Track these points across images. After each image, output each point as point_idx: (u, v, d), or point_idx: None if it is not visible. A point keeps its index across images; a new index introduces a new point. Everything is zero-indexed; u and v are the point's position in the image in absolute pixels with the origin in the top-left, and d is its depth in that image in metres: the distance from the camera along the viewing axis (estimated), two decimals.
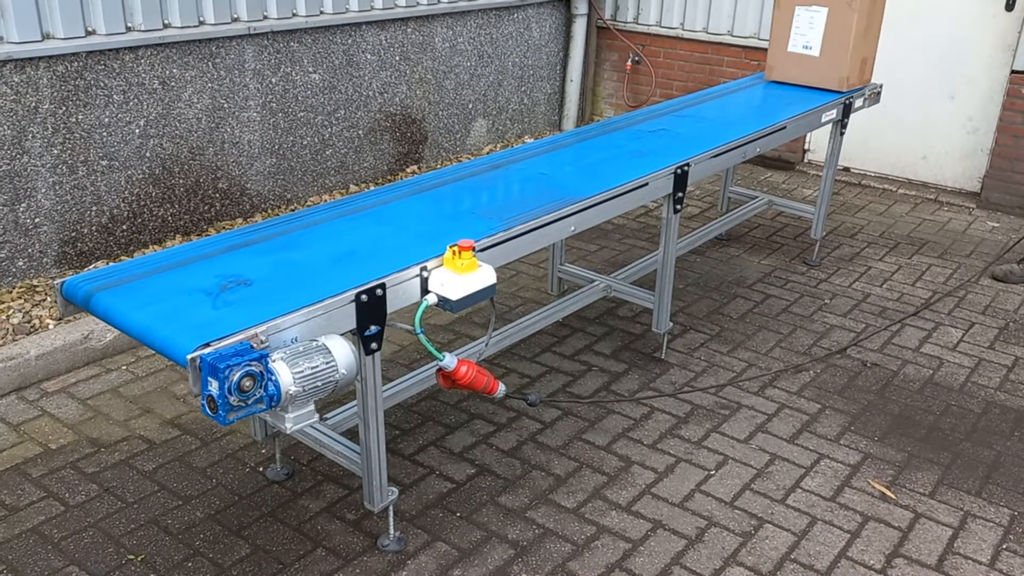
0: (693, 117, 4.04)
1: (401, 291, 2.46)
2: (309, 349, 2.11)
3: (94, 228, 4.30)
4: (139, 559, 2.69)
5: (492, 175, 3.25)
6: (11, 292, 4.02)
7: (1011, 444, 3.36)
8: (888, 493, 3.08)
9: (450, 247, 2.48)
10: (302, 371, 2.06)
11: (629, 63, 6.90)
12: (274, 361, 2.04)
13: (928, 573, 2.73)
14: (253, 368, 1.95)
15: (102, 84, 4.14)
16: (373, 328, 2.39)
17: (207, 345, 2.02)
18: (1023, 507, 3.02)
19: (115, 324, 2.22)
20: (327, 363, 2.11)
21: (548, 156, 3.47)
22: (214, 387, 1.92)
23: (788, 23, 4.47)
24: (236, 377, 1.92)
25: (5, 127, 3.86)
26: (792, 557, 2.77)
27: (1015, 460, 3.27)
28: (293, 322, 2.20)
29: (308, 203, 5.23)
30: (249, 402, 1.97)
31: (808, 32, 4.39)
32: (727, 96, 4.46)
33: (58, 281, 2.38)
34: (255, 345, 2.05)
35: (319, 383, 2.09)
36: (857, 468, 3.20)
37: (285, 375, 2.03)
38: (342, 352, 2.15)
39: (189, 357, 1.97)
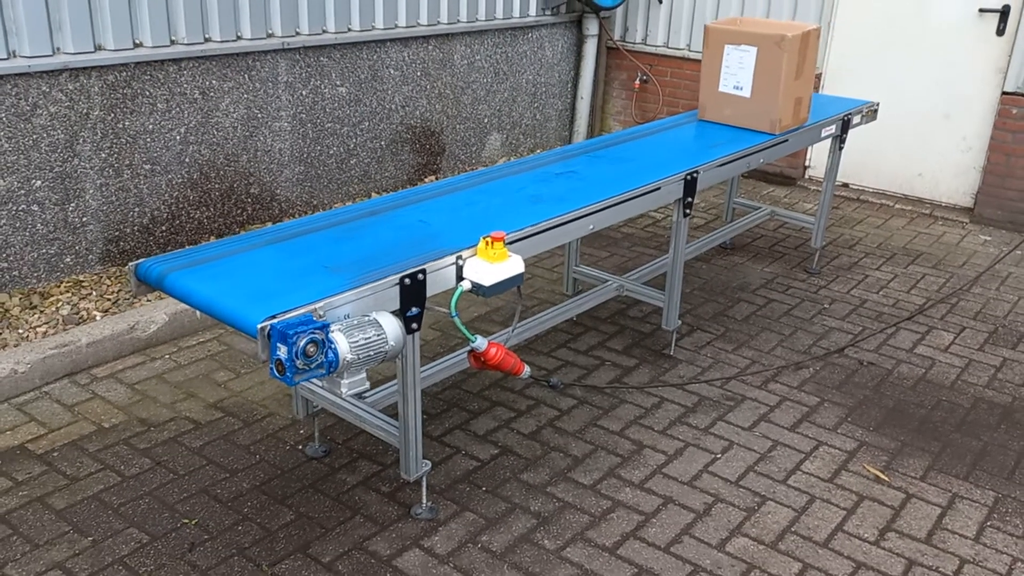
0: (609, 158, 3.83)
1: (439, 277, 2.72)
2: (363, 323, 2.36)
3: (136, 228, 4.56)
4: (193, 523, 2.93)
5: (366, 222, 3.03)
6: (59, 286, 4.27)
7: (997, 435, 3.60)
8: (882, 476, 3.32)
9: (483, 238, 2.74)
10: (357, 341, 2.32)
11: (637, 82, 7.20)
12: (333, 332, 2.29)
13: (918, 545, 2.96)
14: (316, 336, 2.20)
15: (148, 93, 4.42)
16: (414, 309, 2.64)
17: (273, 317, 2.28)
18: (1007, 490, 3.26)
19: (188, 301, 2.47)
20: (378, 335, 2.37)
21: (435, 201, 3.23)
22: (283, 352, 2.17)
23: (718, 62, 4.25)
24: (303, 343, 2.17)
25: (59, 131, 4.14)
26: (792, 530, 3.01)
27: (1001, 450, 3.51)
28: (346, 300, 2.45)
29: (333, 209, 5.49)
30: (312, 366, 2.22)
31: (738, 72, 4.18)
32: (655, 135, 4.24)
33: (132, 264, 2.64)
34: (316, 317, 2.30)
35: (371, 352, 2.35)
36: (853, 454, 3.44)
37: (343, 344, 2.29)
38: (391, 326, 2.41)
39: (259, 326, 2.23)
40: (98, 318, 4.04)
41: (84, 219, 4.34)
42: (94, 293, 4.25)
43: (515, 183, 3.47)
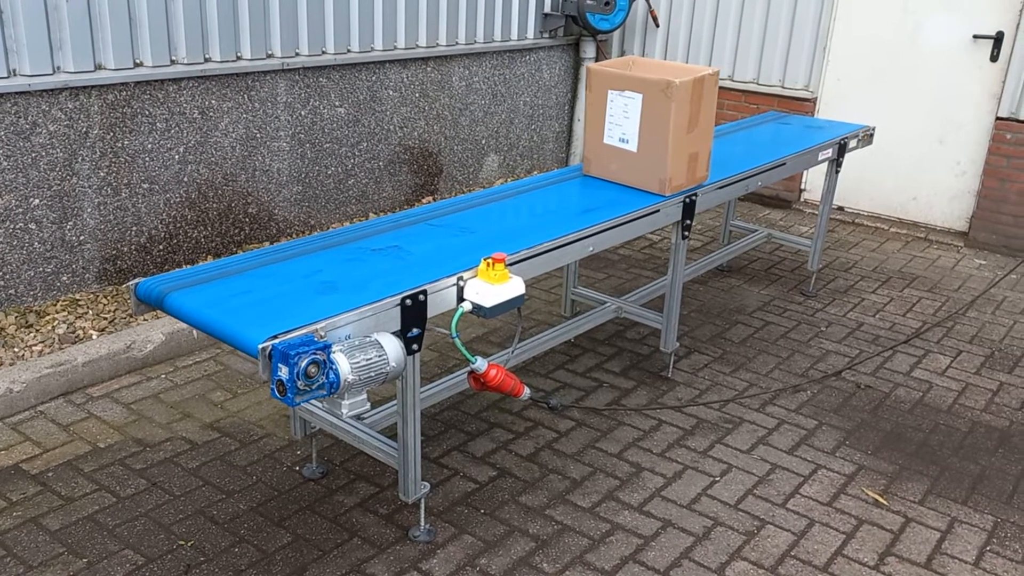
0: (450, 228, 3.21)
1: (440, 298, 2.72)
2: (364, 343, 2.36)
3: (133, 247, 4.55)
4: (189, 544, 2.90)
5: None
6: (56, 305, 4.26)
7: (995, 460, 3.60)
8: (881, 500, 3.32)
9: (484, 259, 2.74)
10: (358, 362, 2.31)
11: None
12: (334, 352, 2.28)
13: (918, 570, 2.95)
14: (318, 356, 2.20)
15: (147, 112, 4.42)
16: (415, 330, 2.64)
17: (275, 337, 2.27)
18: (1006, 515, 3.25)
19: (188, 321, 2.46)
20: (379, 356, 2.36)
21: (216, 283, 2.68)
22: (284, 372, 2.16)
23: (602, 110, 3.65)
24: (304, 363, 2.16)
25: (58, 150, 4.14)
26: (792, 554, 3.00)
27: (999, 474, 3.50)
28: (347, 321, 2.45)
29: (330, 230, 5.50)
30: (313, 387, 2.21)
31: (624, 122, 3.57)
32: (528, 193, 3.64)
33: (132, 283, 2.63)
34: (317, 338, 2.30)
35: (372, 373, 2.34)
36: (852, 477, 3.44)
37: (344, 364, 2.28)
38: (392, 347, 2.40)
39: (261, 346, 2.22)
40: (94, 337, 4.02)
41: (81, 238, 4.33)
42: (90, 312, 4.23)
43: (313, 263, 2.82)
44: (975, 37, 5.79)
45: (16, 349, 3.85)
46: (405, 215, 3.33)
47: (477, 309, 2.73)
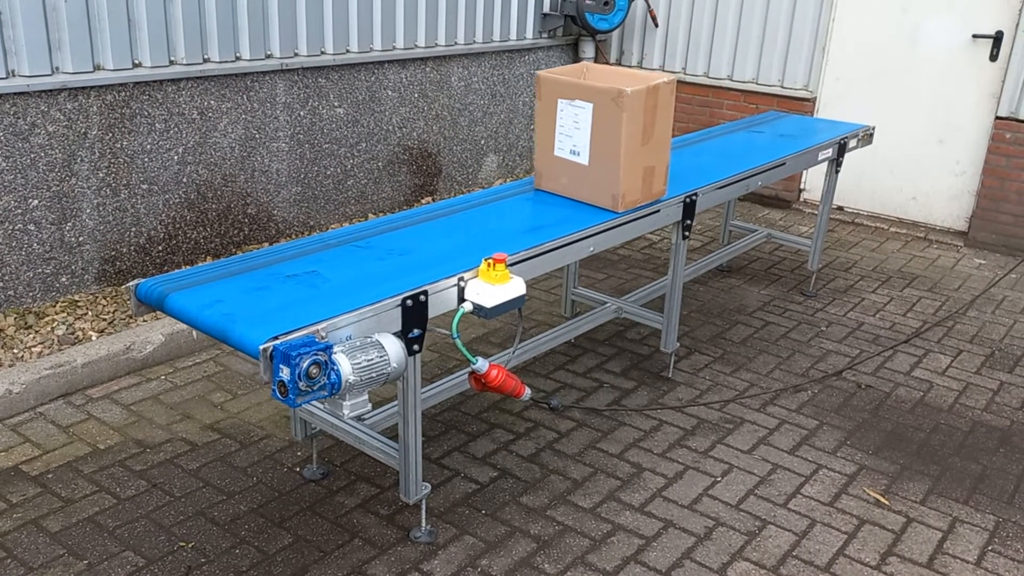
0: (383, 248, 2.97)
1: (441, 299, 2.71)
2: (365, 344, 2.35)
3: (132, 248, 4.54)
4: (190, 546, 2.90)
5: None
6: (55, 306, 4.25)
7: (996, 459, 3.60)
8: (882, 500, 3.31)
9: (485, 260, 2.73)
10: (359, 363, 2.30)
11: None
12: (336, 353, 2.28)
13: (920, 570, 2.95)
14: (319, 357, 2.19)
15: (146, 113, 4.41)
16: (416, 331, 2.63)
17: (276, 338, 2.26)
18: (1008, 514, 3.25)
19: (188, 321, 2.46)
20: (380, 357, 2.35)
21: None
22: (285, 373, 2.16)
23: (552, 120, 3.41)
24: (305, 364, 2.15)
25: (57, 151, 4.13)
26: (794, 554, 3.00)
27: (1000, 473, 3.50)
28: (348, 322, 2.44)
29: (329, 230, 5.49)
30: (315, 388, 2.20)
31: (575, 133, 3.34)
32: (467, 212, 3.39)
33: (132, 283, 2.62)
34: (319, 339, 2.29)
35: (374, 374, 2.33)
36: (853, 477, 3.43)
37: (345, 365, 2.27)
38: (393, 348, 2.40)
39: (262, 347, 2.21)
40: (94, 338, 4.01)
41: (81, 239, 4.32)
42: (90, 313, 4.22)
43: (214, 292, 2.59)
44: (974, 37, 5.79)
45: (15, 350, 3.84)
46: (333, 235, 3.08)
47: (478, 310, 2.73)
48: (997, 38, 5.69)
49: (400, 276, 2.73)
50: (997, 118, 5.75)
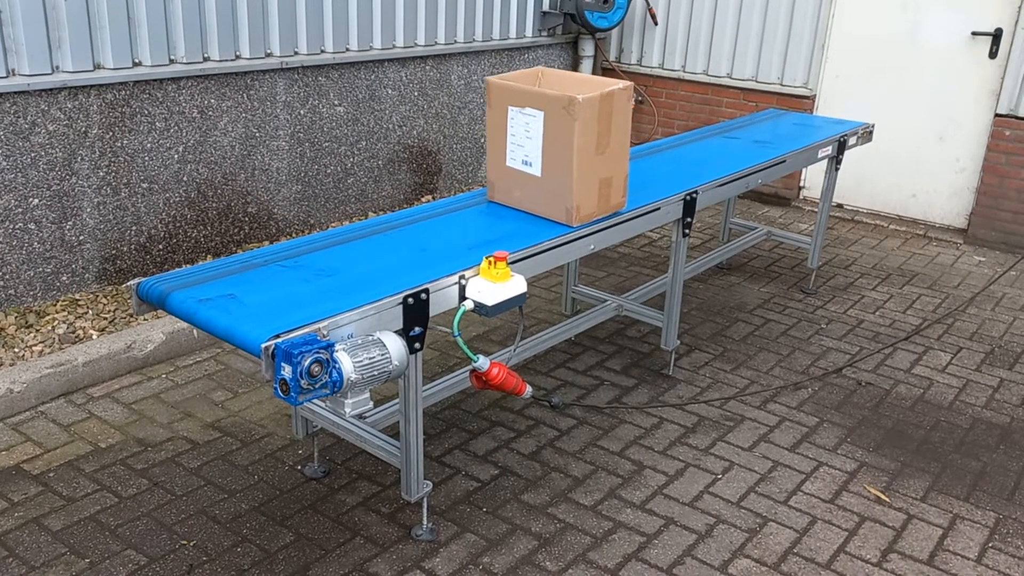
0: (312, 268, 2.77)
1: (442, 297, 2.71)
2: (367, 342, 2.36)
3: (133, 247, 4.55)
4: (191, 544, 2.90)
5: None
6: (55, 305, 4.25)
7: (996, 456, 3.60)
8: (883, 497, 3.32)
9: (486, 258, 2.73)
10: (361, 361, 2.31)
11: (632, 103, 7.22)
12: (337, 351, 2.28)
13: (920, 567, 2.96)
14: (321, 355, 2.19)
15: (146, 112, 4.41)
16: (417, 329, 2.63)
17: (277, 336, 2.27)
18: (1008, 511, 3.26)
19: (190, 320, 2.46)
20: (382, 355, 2.36)
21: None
22: (287, 371, 2.16)
23: (503, 129, 3.22)
24: (307, 362, 2.16)
25: (57, 150, 4.13)
26: (795, 551, 3.00)
27: (1000, 470, 3.51)
28: (349, 320, 2.44)
29: (329, 228, 5.49)
30: (316, 386, 2.21)
31: (526, 143, 3.16)
32: (410, 226, 3.19)
33: (133, 282, 2.62)
34: (320, 337, 2.29)
35: (375, 372, 2.34)
36: (854, 475, 3.44)
37: (347, 363, 2.28)
38: (395, 346, 2.40)
39: (263, 345, 2.21)
40: (94, 337, 4.01)
41: (81, 237, 4.33)
42: (90, 312, 4.22)
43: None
44: (974, 34, 5.79)
45: (16, 349, 3.84)
46: (258, 253, 2.89)
47: (479, 307, 2.73)
48: (996, 35, 5.69)
49: (318, 302, 2.52)
50: (997, 115, 5.76)
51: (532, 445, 3.53)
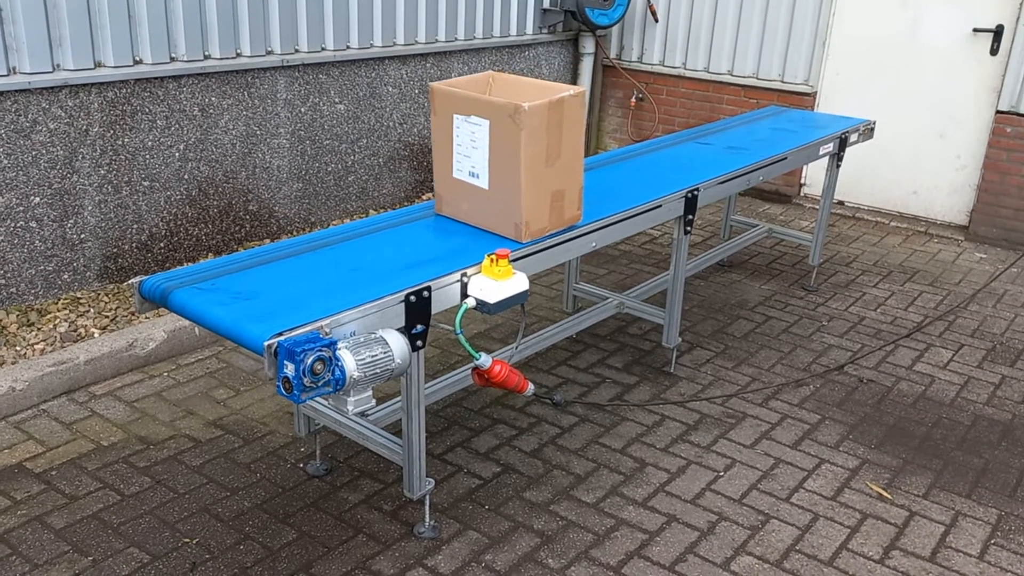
0: (228, 291, 2.58)
1: (444, 294, 2.71)
2: (369, 340, 2.36)
3: (134, 245, 4.55)
4: (194, 542, 2.90)
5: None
6: (57, 303, 4.25)
7: (998, 453, 3.60)
8: (884, 494, 3.32)
9: (488, 255, 2.73)
10: (363, 359, 2.31)
11: (633, 100, 7.23)
12: (340, 349, 2.28)
13: (922, 563, 2.96)
14: (324, 353, 2.19)
15: (147, 110, 4.41)
16: (419, 327, 2.64)
17: (279, 334, 2.27)
18: (1010, 508, 3.26)
19: (193, 318, 2.46)
20: (385, 353, 2.36)
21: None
22: (290, 369, 2.16)
23: (449, 138, 3.02)
24: (310, 360, 2.16)
25: (58, 148, 4.13)
26: (797, 548, 3.00)
27: (1002, 467, 3.51)
28: (352, 318, 2.44)
29: (330, 226, 5.49)
30: (319, 384, 2.21)
31: (472, 153, 2.97)
32: (347, 243, 3.00)
33: (135, 280, 2.62)
34: (323, 335, 2.29)
35: (378, 370, 2.34)
36: (856, 472, 3.44)
37: (349, 362, 2.28)
38: (397, 344, 2.40)
39: (266, 343, 2.22)
40: (96, 335, 4.01)
41: (82, 236, 4.33)
42: (92, 310, 4.23)
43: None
44: (975, 31, 5.78)
45: (18, 348, 3.84)
46: (180, 273, 2.71)
47: (481, 305, 2.73)
48: (997, 32, 5.68)
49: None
50: (998, 112, 5.75)
51: (534, 442, 3.53)
